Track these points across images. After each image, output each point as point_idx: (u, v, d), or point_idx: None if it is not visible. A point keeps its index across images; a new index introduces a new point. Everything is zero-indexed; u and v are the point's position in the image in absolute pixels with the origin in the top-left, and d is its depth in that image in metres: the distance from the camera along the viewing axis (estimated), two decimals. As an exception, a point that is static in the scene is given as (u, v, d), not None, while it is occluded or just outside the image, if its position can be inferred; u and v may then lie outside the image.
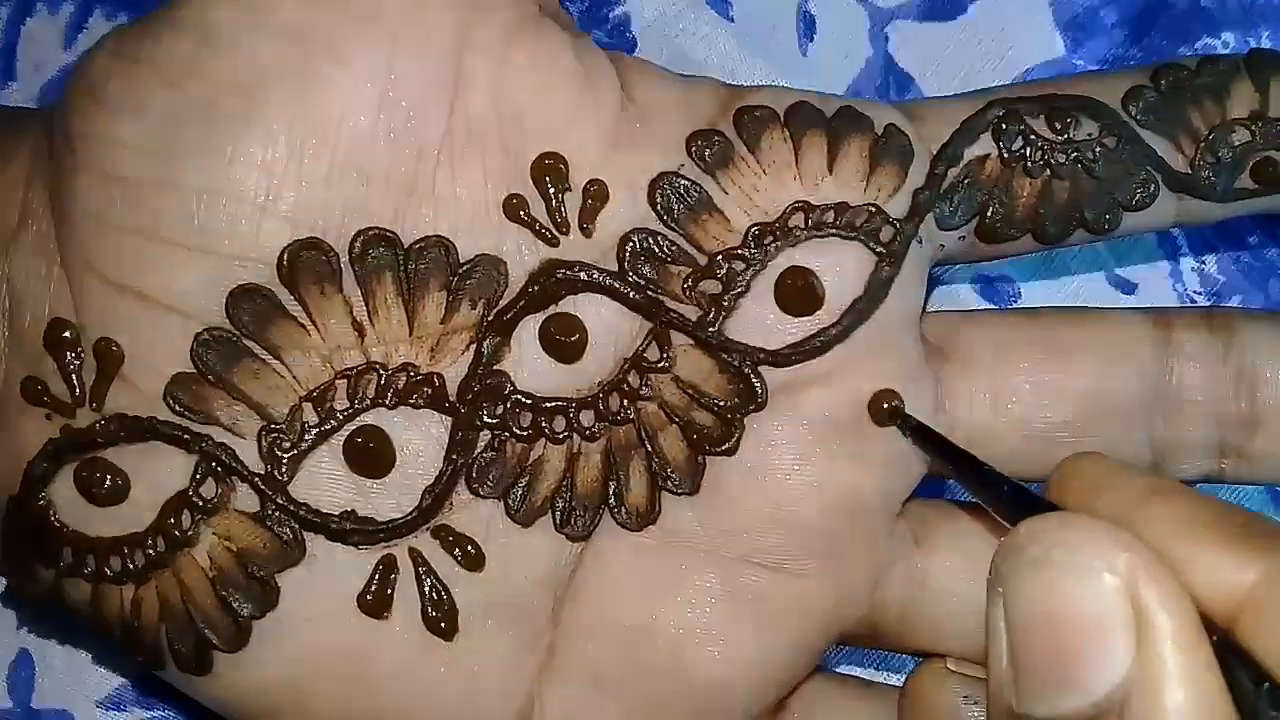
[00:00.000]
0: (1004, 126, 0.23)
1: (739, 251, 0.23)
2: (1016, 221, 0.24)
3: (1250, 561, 0.16)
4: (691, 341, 0.23)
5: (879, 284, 0.23)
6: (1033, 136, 0.23)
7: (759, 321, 0.23)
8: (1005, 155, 0.23)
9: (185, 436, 0.21)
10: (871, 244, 0.23)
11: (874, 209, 0.23)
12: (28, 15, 0.33)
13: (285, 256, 0.21)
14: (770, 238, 0.23)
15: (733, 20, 0.31)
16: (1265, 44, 0.31)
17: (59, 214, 0.22)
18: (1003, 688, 0.17)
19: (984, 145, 0.24)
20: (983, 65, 0.31)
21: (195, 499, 0.22)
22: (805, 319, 0.23)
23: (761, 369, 0.23)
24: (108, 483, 0.22)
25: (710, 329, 0.23)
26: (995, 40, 0.31)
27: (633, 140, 0.23)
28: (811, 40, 0.31)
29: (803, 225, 0.23)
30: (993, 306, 0.30)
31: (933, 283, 0.26)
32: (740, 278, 0.23)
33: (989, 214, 0.24)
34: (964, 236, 0.24)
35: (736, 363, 0.23)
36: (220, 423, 0.22)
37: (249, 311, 0.21)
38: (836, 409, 0.23)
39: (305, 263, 0.21)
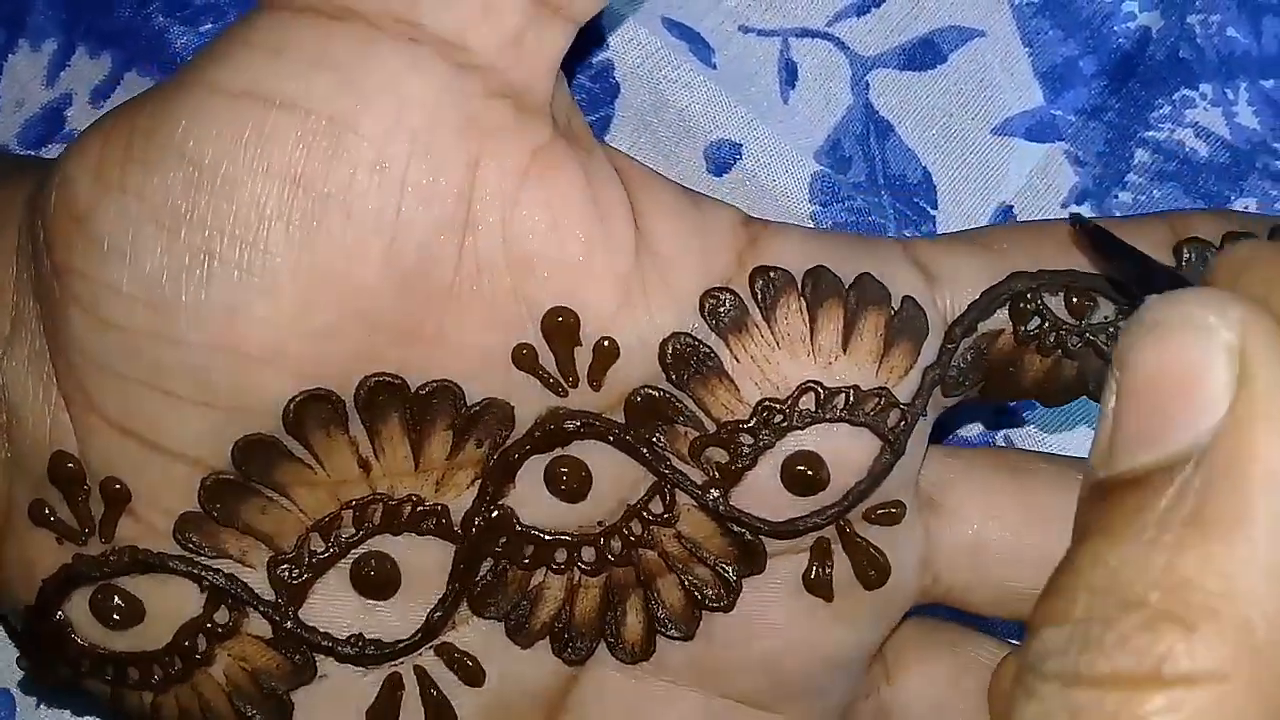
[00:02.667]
0: (1022, 306, 0.23)
1: (748, 425, 0.22)
2: (1022, 390, 0.24)
3: None
4: (695, 503, 0.23)
5: (882, 469, 0.23)
6: (1049, 319, 0.23)
7: (763, 493, 0.23)
8: (1019, 333, 0.23)
9: (196, 570, 0.22)
10: (879, 430, 0.23)
11: (884, 394, 0.23)
12: (10, 52, 0.32)
13: (291, 408, 0.21)
14: (780, 417, 0.22)
15: (715, 67, 0.31)
16: (1243, 95, 0.32)
17: (53, 342, 0.22)
18: (1096, 458, 0.16)
19: (999, 320, 0.23)
20: (962, 114, 0.31)
21: (209, 625, 0.22)
22: (808, 498, 0.23)
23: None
24: (122, 608, 0.22)
25: (715, 495, 0.23)
26: (974, 89, 0.31)
27: (645, 295, 0.22)
28: (793, 88, 0.31)
29: (813, 407, 0.23)
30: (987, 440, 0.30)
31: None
32: (748, 452, 0.23)
33: (995, 381, 0.24)
34: (968, 395, 0.24)
35: (739, 529, 0.23)
36: (230, 555, 0.22)
37: (256, 459, 0.22)
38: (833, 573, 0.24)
39: (311, 413, 0.21)
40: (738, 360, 0.22)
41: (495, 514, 0.22)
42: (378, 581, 0.22)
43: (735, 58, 0.31)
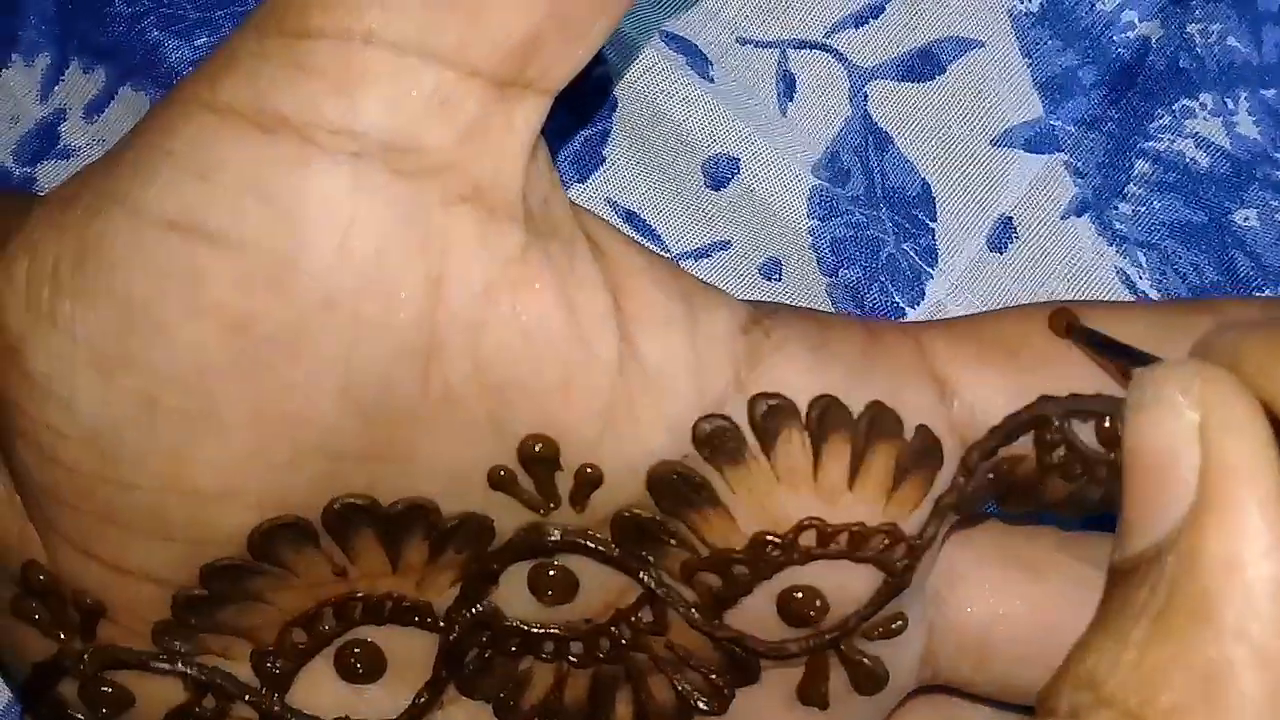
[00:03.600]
0: (1048, 438, 0.21)
1: (743, 557, 0.21)
2: (1043, 506, 0.22)
3: None
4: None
5: (884, 598, 0.22)
6: (1077, 448, 0.21)
7: (757, 617, 0.22)
8: (1043, 461, 0.21)
9: (178, 667, 0.22)
10: (883, 565, 0.21)
11: (892, 530, 0.21)
12: (4, 66, 0.32)
13: (255, 537, 0.20)
14: (778, 552, 0.21)
15: (712, 81, 0.31)
16: (1243, 104, 0.31)
17: (10, 462, 0.20)
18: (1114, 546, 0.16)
19: (1022, 445, 0.21)
20: (961, 125, 0.31)
21: (197, 710, 0.22)
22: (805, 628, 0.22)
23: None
24: (110, 696, 0.22)
25: (707, 619, 0.22)
26: (973, 100, 0.31)
27: (632, 416, 0.20)
28: (791, 100, 0.31)
29: (814, 544, 0.21)
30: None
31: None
32: (742, 583, 0.21)
33: (1014, 498, 0.22)
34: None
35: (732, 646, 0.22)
36: (212, 651, 0.22)
37: (224, 580, 0.21)
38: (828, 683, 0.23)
39: (278, 538, 0.20)
40: (734, 492, 0.21)
41: (480, 610, 0.22)
42: (363, 668, 0.22)
43: (733, 70, 0.31)
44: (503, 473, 0.20)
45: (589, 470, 0.20)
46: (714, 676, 0.22)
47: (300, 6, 0.18)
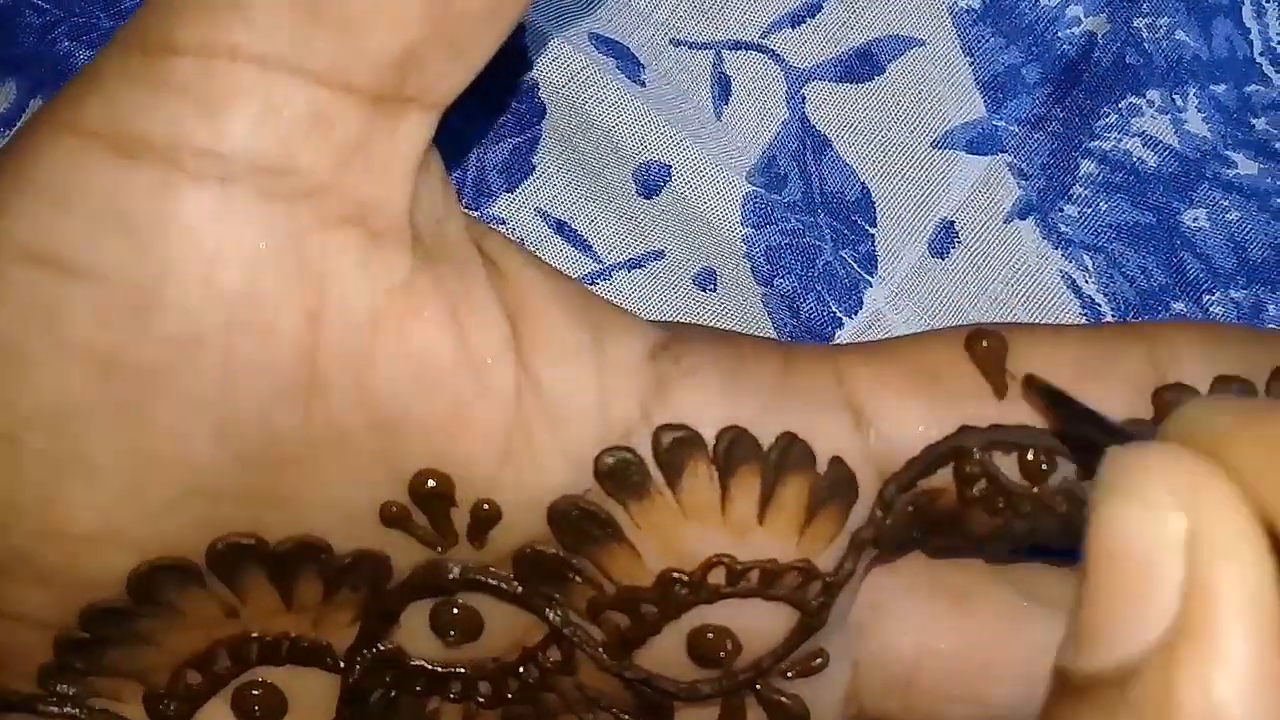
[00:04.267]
0: (967, 470, 0.20)
1: (651, 595, 0.20)
2: (964, 548, 0.21)
3: None
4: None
5: (799, 638, 0.21)
6: (998, 481, 0.20)
7: (667, 657, 0.21)
8: (964, 495, 0.20)
9: (67, 712, 0.21)
10: (797, 604, 0.20)
11: (805, 567, 0.20)
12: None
13: (134, 580, 0.19)
14: (686, 590, 0.20)
15: (644, 85, 0.30)
16: (1192, 101, 0.30)
17: None
18: (1065, 639, 0.14)
19: (942, 478, 0.20)
20: (901, 127, 0.30)
21: None
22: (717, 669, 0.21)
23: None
24: None
25: (617, 660, 0.21)
26: (913, 101, 0.30)
27: (531, 449, 0.19)
28: (726, 103, 0.30)
29: (723, 582, 0.20)
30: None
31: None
32: (650, 620, 0.20)
33: (936, 535, 0.21)
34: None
35: (642, 687, 0.21)
36: (102, 694, 0.21)
37: (106, 623, 0.20)
38: None
39: (159, 580, 0.19)
40: (639, 528, 0.20)
41: (382, 649, 0.21)
42: (262, 710, 0.21)
43: (666, 73, 0.30)
44: (395, 509, 0.19)
45: (485, 507, 0.19)
46: (625, 717, 0.22)
47: (164, 22, 0.17)
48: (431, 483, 0.19)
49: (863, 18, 0.30)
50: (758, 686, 0.21)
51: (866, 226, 0.30)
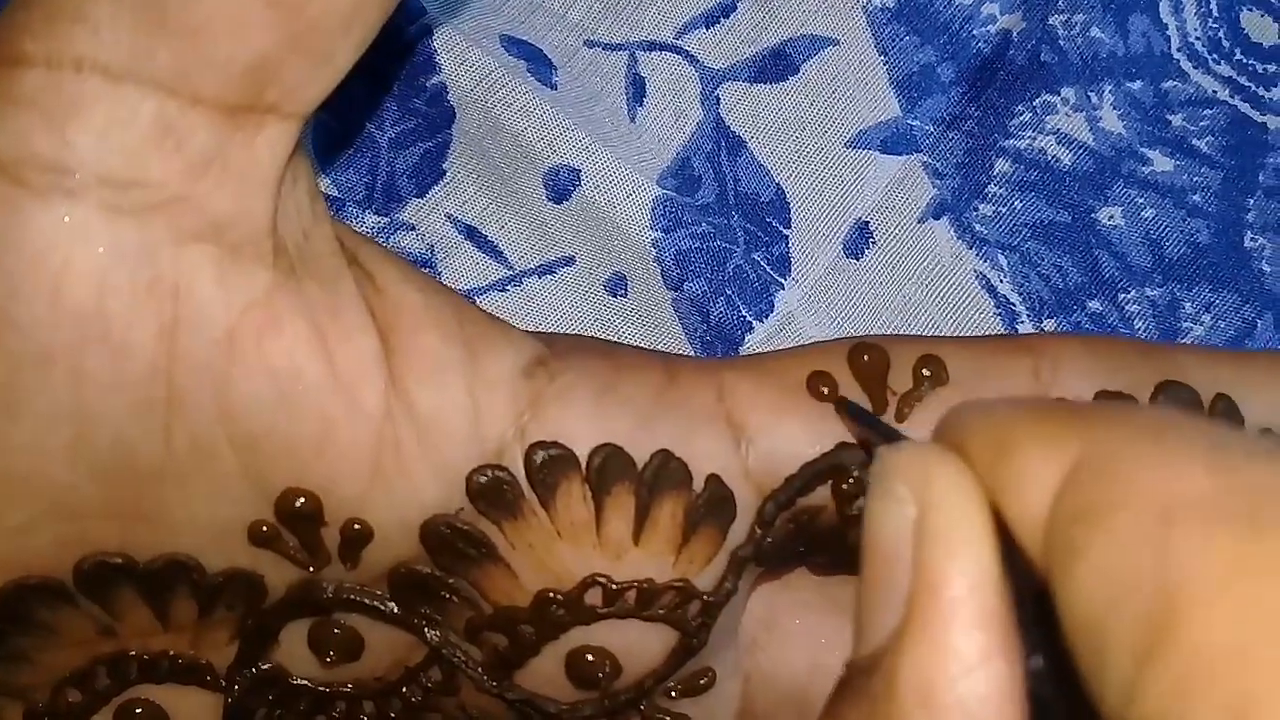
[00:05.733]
0: (844, 488, 0.20)
1: (528, 616, 0.20)
2: (848, 564, 0.21)
3: (1062, 446, 0.12)
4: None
5: (680, 659, 0.21)
6: None
7: (549, 678, 0.21)
8: (843, 512, 0.20)
9: None
10: (676, 624, 0.20)
11: (683, 586, 0.20)
12: None
13: (0, 600, 0.19)
14: (563, 611, 0.20)
15: (555, 87, 0.29)
16: (1107, 98, 0.30)
17: None
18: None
19: (821, 495, 0.20)
20: (815, 127, 0.30)
21: None
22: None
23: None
24: None
25: (497, 681, 0.21)
26: (828, 101, 0.30)
27: (401, 466, 0.19)
28: (641, 105, 0.30)
29: (599, 603, 0.20)
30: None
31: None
32: (529, 644, 0.20)
33: (814, 557, 0.21)
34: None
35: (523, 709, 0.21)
36: None
37: None
38: None
39: (26, 599, 0.19)
40: (514, 548, 0.20)
41: (264, 668, 0.21)
42: None
43: (580, 74, 0.30)
44: (265, 529, 0.19)
45: (356, 526, 0.19)
46: None
47: (12, 34, 0.17)
48: (299, 501, 0.19)
49: (777, 17, 0.30)
50: (642, 706, 0.21)
51: (781, 228, 0.30)
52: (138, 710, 0.21)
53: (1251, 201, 0.30)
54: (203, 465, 0.18)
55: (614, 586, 0.20)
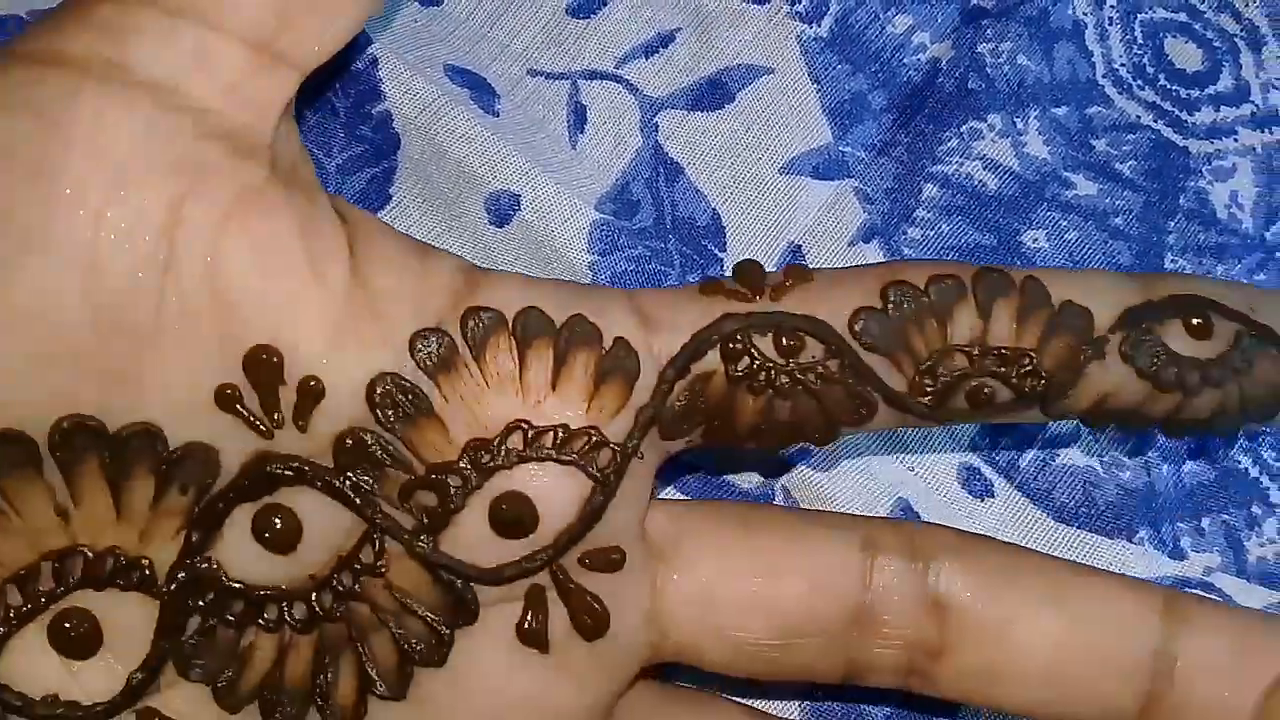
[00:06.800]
0: (731, 347, 0.23)
1: (456, 466, 0.22)
2: (740, 433, 0.24)
3: None
4: (405, 551, 0.23)
5: (593, 511, 0.23)
6: (758, 358, 0.23)
7: (474, 537, 0.23)
8: (731, 374, 0.23)
9: None
10: (589, 470, 0.23)
11: (594, 433, 0.23)
12: None
13: None
14: (487, 456, 0.22)
15: (498, 115, 0.31)
16: (1033, 123, 0.31)
17: None
18: None
19: (711, 361, 0.23)
20: (750, 154, 0.31)
21: None
22: (519, 541, 0.23)
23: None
24: None
25: (424, 542, 0.22)
26: (762, 128, 0.31)
27: (357, 335, 0.22)
28: (582, 132, 0.31)
29: (520, 446, 0.22)
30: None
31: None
32: (456, 494, 0.22)
33: (714, 425, 0.24)
34: (691, 440, 0.24)
35: (449, 577, 0.23)
36: None
37: None
38: (548, 623, 0.23)
39: (1, 456, 0.21)
40: (447, 400, 0.22)
41: (201, 566, 0.22)
42: (77, 640, 0.22)
43: (523, 103, 0.31)
44: (228, 390, 0.21)
45: (312, 383, 0.22)
46: (433, 619, 0.23)
47: None
48: (264, 355, 0.21)
49: (714, 48, 0.31)
50: (560, 576, 0.23)
51: (716, 251, 0.31)
52: (73, 620, 0.22)
53: (1172, 224, 0.31)
54: (185, 328, 0.21)
55: (534, 429, 0.22)
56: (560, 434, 0.23)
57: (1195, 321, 0.24)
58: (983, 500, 0.30)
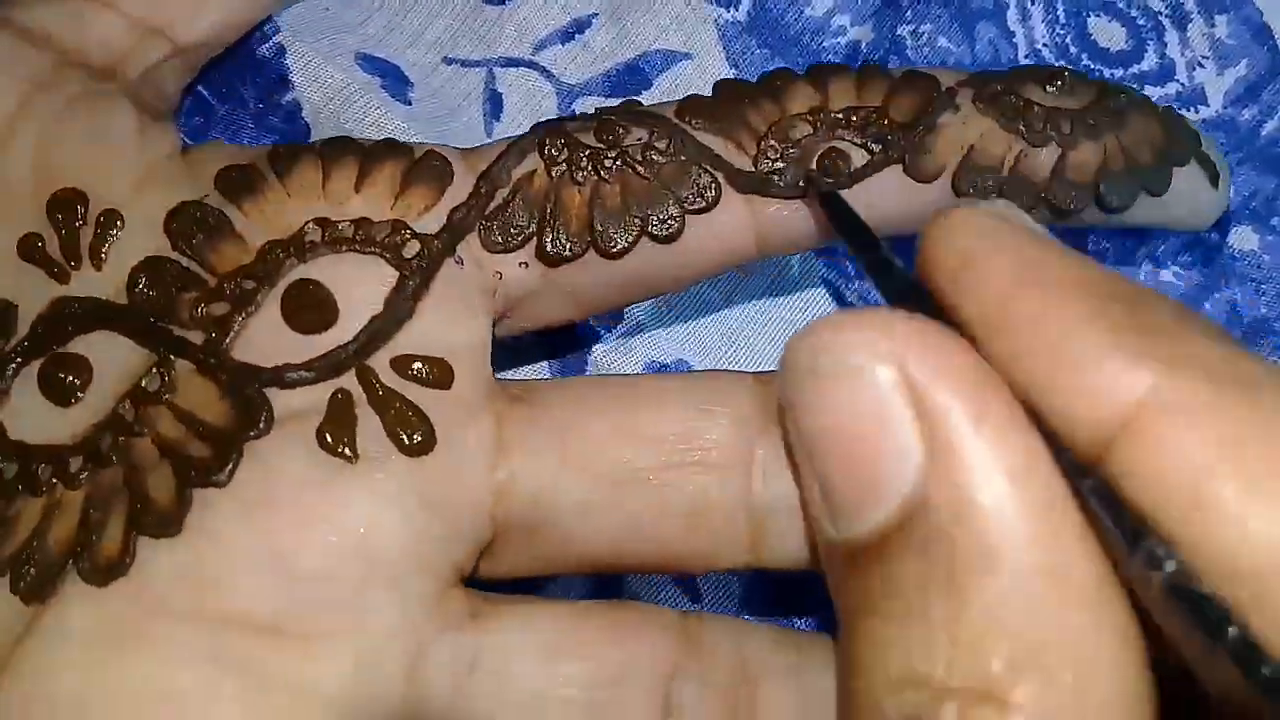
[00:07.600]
0: (548, 141, 0.23)
1: (250, 269, 0.21)
2: (573, 236, 0.23)
3: (1139, 367, 0.14)
4: (194, 367, 0.21)
5: (401, 301, 0.21)
6: (578, 148, 0.23)
7: (272, 343, 0.21)
8: (551, 169, 0.23)
9: None
10: (393, 259, 0.22)
11: (398, 224, 0.22)
12: None
13: None
14: (282, 252, 0.22)
15: (410, 103, 0.30)
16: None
17: None
18: (820, 516, 0.16)
19: (531, 163, 0.23)
20: (669, 139, 0.31)
21: None
22: (319, 336, 0.21)
23: (274, 393, 0.21)
24: None
25: (212, 352, 0.21)
26: (681, 113, 0.31)
27: (167, 179, 0.23)
28: (498, 120, 0.30)
29: (319, 240, 0.22)
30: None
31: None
32: (250, 297, 0.21)
33: (544, 235, 0.23)
34: (525, 264, 0.23)
35: (237, 385, 0.21)
36: None
37: None
38: (359, 436, 0.21)
39: None
40: (247, 216, 0.22)
41: None
42: None
43: (438, 91, 0.30)
44: (31, 238, 0.22)
45: (106, 216, 0.22)
46: (218, 435, 0.20)
47: None
48: (64, 194, 0.22)
49: (630, 34, 0.31)
50: (370, 380, 0.21)
51: (634, 238, 0.30)
52: None
53: (1096, 204, 0.31)
54: (6, 194, 0.22)
55: (332, 222, 0.22)
56: (361, 226, 0.22)
57: (1054, 80, 0.23)
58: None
